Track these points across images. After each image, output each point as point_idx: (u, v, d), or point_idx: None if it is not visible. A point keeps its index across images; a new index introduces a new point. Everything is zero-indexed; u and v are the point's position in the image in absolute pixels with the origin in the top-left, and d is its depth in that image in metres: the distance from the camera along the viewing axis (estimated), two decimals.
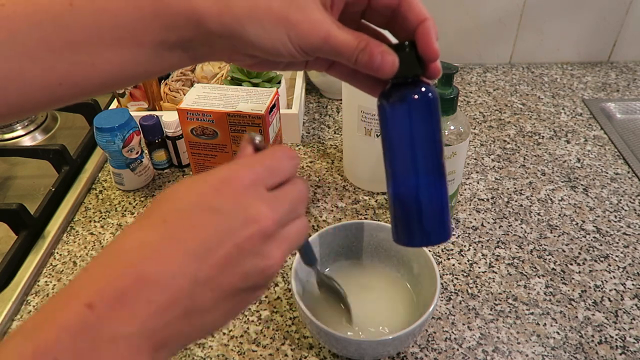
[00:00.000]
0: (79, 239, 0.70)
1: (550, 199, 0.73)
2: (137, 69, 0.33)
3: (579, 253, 0.65)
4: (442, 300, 0.59)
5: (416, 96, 0.35)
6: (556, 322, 0.57)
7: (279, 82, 0.83)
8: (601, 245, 0.66)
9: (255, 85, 0.80)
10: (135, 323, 0.25)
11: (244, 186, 0.29)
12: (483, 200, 0.73)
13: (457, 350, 0.54)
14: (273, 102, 0.65)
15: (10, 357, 0.24)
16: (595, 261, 0.64)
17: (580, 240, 0.67)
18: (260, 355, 0.54)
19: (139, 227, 0.28)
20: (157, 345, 0.26)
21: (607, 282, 0.61)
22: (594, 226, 0.69)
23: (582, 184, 0.76)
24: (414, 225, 0.39)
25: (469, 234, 0.68)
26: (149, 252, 0.27)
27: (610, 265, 0.63)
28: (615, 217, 0.70)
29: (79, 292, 0.26)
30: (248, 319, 0.58)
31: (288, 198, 0.31)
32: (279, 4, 0.31)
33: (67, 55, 0.31)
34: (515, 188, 0.75)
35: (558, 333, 0.56)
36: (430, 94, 0.36)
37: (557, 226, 0.69)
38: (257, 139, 0.34)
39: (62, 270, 0.65)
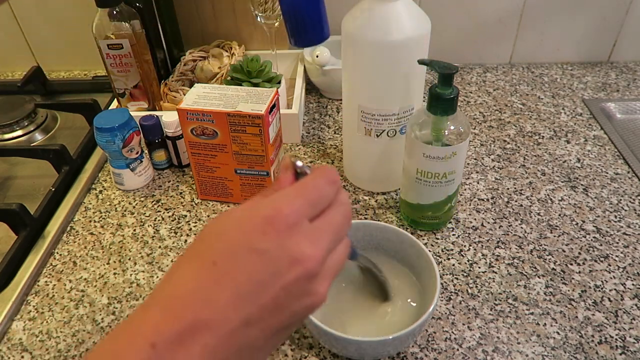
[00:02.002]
0: (79, 239, 0.70)
1: (550, 199, 0.73)
2: None
3: (579, 253, 0.65)
4: (442, 300, 0.59)
5: None
6: (556, 322, 0.57)
7: (279, 82, 0.83)
8: (601, 245, 0.66)
9: (255, 85, 0.80)
10: None
11: (287, 225, 0.30)
12: (483, 200, 0.73)
13: (457, 350, 0.54)
14: (273, 102, 0.65)
15: None
16: (595, 261, 0.64)
17: (580, 240, 0.67)
18: None
19: (190, 268, 0.30)
20: None
21: (607, 282, 0.61)
22: (594, 226, 0.69)
23: (582, 184, 0.76)
24: (300, 30, 0.60)
25: (469, 234, 0.68)
26: (201, 298, 0.28)
27: (610, 265, 0.63)
28: (615, 217, 0.70)
29: (142, 331, 0.28)
30: None
31: (331, 226, 0.32)
32: None
33: None
34: (515, 188, 0.75)
35: (558, 333, 0.56)
36: None
37: (557, 226, 0.69)
38: (299, 164, 0.34)
39: (62, 270, 0.65)
